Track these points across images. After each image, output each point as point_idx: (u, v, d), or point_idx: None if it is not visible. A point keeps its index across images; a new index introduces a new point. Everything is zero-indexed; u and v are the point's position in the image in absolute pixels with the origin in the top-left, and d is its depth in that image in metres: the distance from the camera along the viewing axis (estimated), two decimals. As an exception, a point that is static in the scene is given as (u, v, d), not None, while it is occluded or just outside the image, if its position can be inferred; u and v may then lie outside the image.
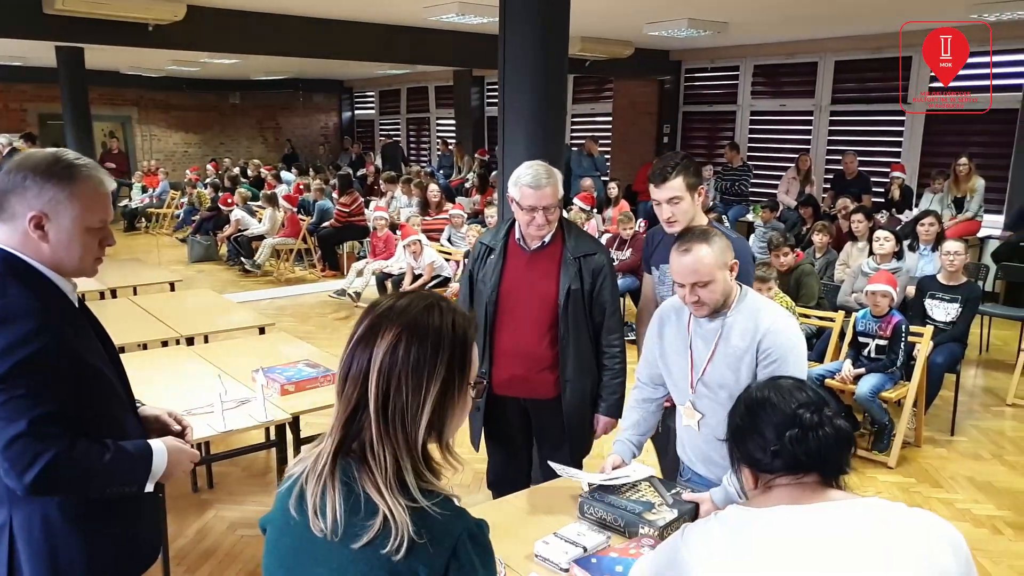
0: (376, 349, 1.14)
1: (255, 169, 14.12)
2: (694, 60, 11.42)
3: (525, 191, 2.60)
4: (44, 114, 14.57)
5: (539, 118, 3.93)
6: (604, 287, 2.71)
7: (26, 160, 1.60)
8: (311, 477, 1.17)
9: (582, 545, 2.03)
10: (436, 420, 1.16)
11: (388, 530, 1.10)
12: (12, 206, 1.58)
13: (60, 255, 1.61)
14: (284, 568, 1.23)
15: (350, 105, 18.68)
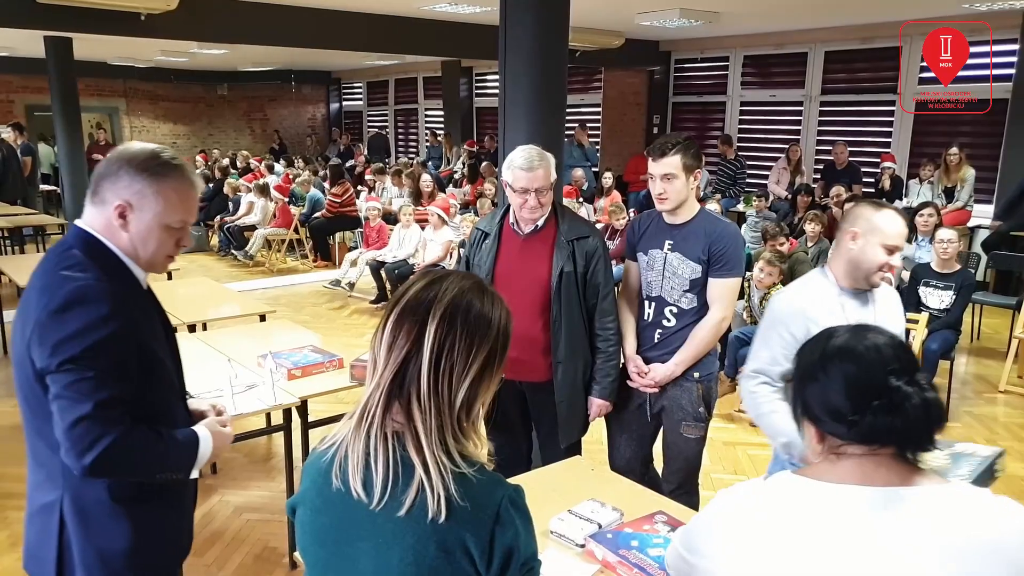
0: (438, 303, 1.16)
1: (244, 160, 14.04)
2: (684, 51, 11.45)
3: (518, 173, 2.63)
4: (31, 105, 14.44)
5: (540, 108, 3.92)
6: (598, 270, 2.73)
7: (125, 151, 1.68)
8: (355, 440, 1.17)
9: (597, 521, 2.06)
10: (472, 390, 1.18)
11: (426, 493, 1.11)
12: (104, 191, 1.65)
13: (136, 246, 1.68)
14: (324, 546, 1.21)
15: (338, 96, 18.59)
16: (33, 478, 1.71)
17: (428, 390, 1.14)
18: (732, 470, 4.26)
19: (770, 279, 4.97)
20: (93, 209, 1.67)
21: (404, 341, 1.16)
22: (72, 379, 1.52)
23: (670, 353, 2.73)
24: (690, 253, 2.66)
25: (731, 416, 5.02)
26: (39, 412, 1.60)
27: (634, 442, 2.91)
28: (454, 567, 1.12)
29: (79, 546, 1.64)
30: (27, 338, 1.56)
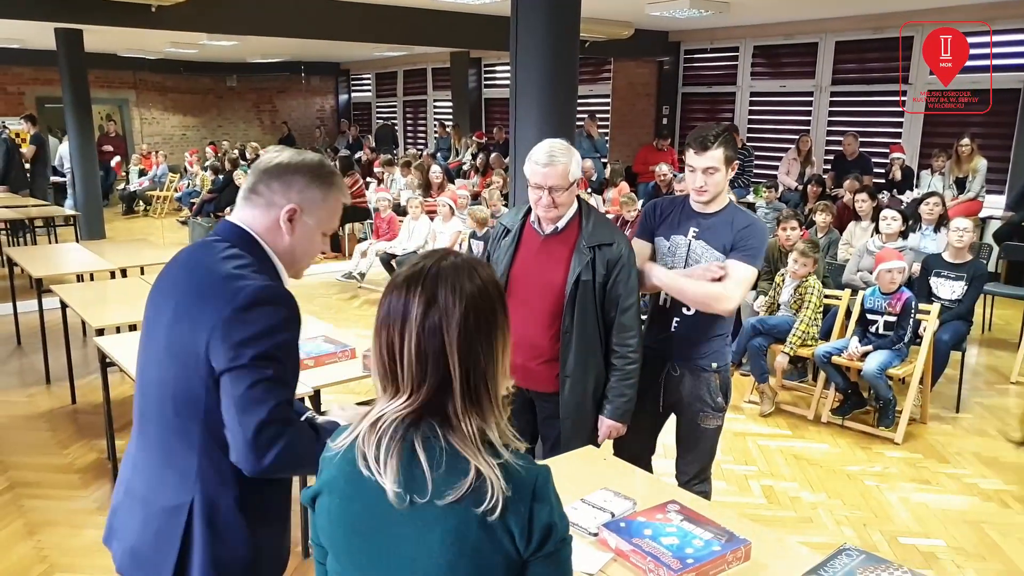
0: (447, 327, 1.16)
1: (254, 152, 14.06)
2: (694, 41, 11.39)
3: (534, 168, 2.48)
4: (42, 97, 14.48)
5: (550, 99, 3.93)
6: (619, 280, 2.52)
7: (293, 157, 1.69)
8: (384, 441, 1.17)
9: (610, 511, 2.07)
10: (499, 382, 1.20)
11: (482, 489, 1.13)
12: (274, 193, 1.66)
13: (296, 249, 1.70)
14: (358, 534, 1.21)
15: (347, 88, 18.59)
16: (159, 478, 1.65)
17: (464, 406, 1.17)
18: (743, 460, 4.27)
19: (804, 269, 4.92)
20: (254, 210, 1.68)
21: (433, 376, 1.16)
22: (256, 378, 1.51)
23: (690, 345, 2.71)
24: (715, 242, 2.62)
25: (739, 407, 5.02)
26: (190, 412, 1.58)
27: (642, 433, 2.90)
28: (494, 544, 1.14)
29: (201, 551, 1.60)
30: (203, 335, 1.53)
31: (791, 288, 5.01)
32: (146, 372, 1.69)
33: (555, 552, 1.17)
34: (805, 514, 3.70)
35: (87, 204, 10.41)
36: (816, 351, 4.74)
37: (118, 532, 1.72)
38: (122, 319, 4.11)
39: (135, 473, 1.70)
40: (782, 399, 5.07)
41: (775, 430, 4.70)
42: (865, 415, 4.78)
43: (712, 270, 2.58)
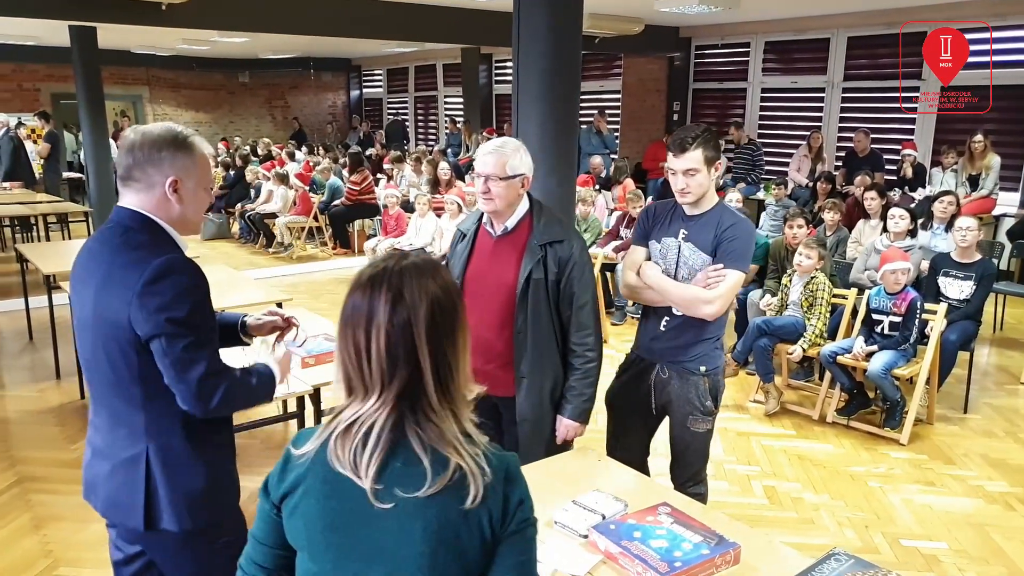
0: (416, 323, 1.20)
1: (265, 148, 14.12)
2: (704, 37, 11.33)
3: (478, 155, 2.49)
4: (56, 93, 14.58)
5: (553, 95, 3.91)
6: (572, 278, 2.49)
7: (148, 135, 1.85)
8: (361, 446, 1.20)
9: (600, 512, 2.07)
10: (466, 371, 1.28)
11: (464, 480, 1.19)
12: (149, 175, 1.84)
13: (188, 212, 1.90)
14: (336, 531, 1.23)
15: (358, 83, 18.63)
16: (110, 436, 1.90)
17: (439, 399, 1.22)
18: (746, 460, 4.26)
19: (810, 263, 4.87)
20: (139, 194, 1.85)
21: (403, 370, 1.21)
22: (185, 341, 1.76)
23: (677, 347, 2.71)
24: (702, 243, 2.63)
25: (743, 406, 5.01)
26: (125, 375, 1.82)
27: (634, 434, 2.90)
28: (473, 529, 1.20)
29: (165, 489, 1.85)
30: (118, 309, 1.76)
31: (800, 286, 4.98)
32: (84, 349, 1.91)
33: (523, 530, 1.25)
34: (807, 515, 3.69)
35: (100, 200, 10.49)
36: (822, 351, 4.71)
37: (93, 487, 1.96)
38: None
39: (95, 433, 1.96)
40: (787, 399, 5.05)
41: (779, 430, 4.68)
42: (871, 415, 4.76)
43: (709, 277, 2.58)
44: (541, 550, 1.93)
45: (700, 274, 2.63)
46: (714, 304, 2.58)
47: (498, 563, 1.22)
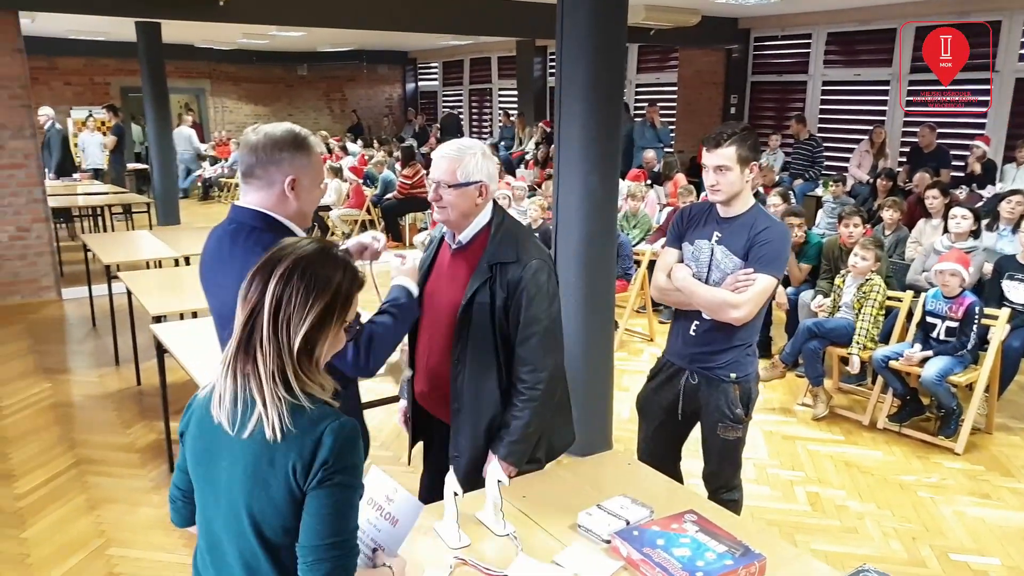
0: (280, 263, 1.39)
1: (323, 140, 14.35)
2: (764, 28, 11.07)
3: (432, 158, 2.29)
4: (125, 87, 15.03)
5: (597, 92, 3.88)
6: (520, 304, 2.19)
7: (271, 136, 1.98)
8: (222, 380, 1.40)
9: (624, 518, 2.05)
10: (310, 338, 1.38)
11: (263, 421, 1.34)
12: (270, 174, 1.97)
13: (304, 207, 2.04)
14: (199, 465, 1.46)
15: (414, 76, 18.76)
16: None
17: (268, 335, 1.35)
18: (790, 465, 4.17)
19: (866, 264, 4.71)
20: (259, 192, 2.00)
21: (253, 295, 1.38)
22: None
23: (707, 352, 2.67)
24: (734, 247, 2.59)
25: (791, 410, 4.90)
26: None
27: (664, 440, 2.87)
28: (279, 479, 1.35)
29: None
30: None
31: (853, 288, 4.83)
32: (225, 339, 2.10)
33: (326, 487, 1.33)
34: (850, 524, 3.59)
35: (163, 191, 10.81)
36: (874, 354, 4.58)
37: None
38: (178, 307, 4.28)
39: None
40: (837, 403, 4.92)
41: (827, 435, 4.56)
42: (925, 422, 4.60)
43: (738, 281, 2.53)
44: (563, 553, 1.94)
45: (729, 278, 2.58)
46: (741, 309, 2.52)
47: (304, 515, 1.36)
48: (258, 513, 1.37)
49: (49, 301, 7.32)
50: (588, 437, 4.18)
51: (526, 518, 2.11)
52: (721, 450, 2.74)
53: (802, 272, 5.52)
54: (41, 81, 14.15)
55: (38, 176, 7.26)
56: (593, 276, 4.04)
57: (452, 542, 1.99)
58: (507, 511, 2.09)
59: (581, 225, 3.98)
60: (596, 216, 3.98)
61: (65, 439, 4.40)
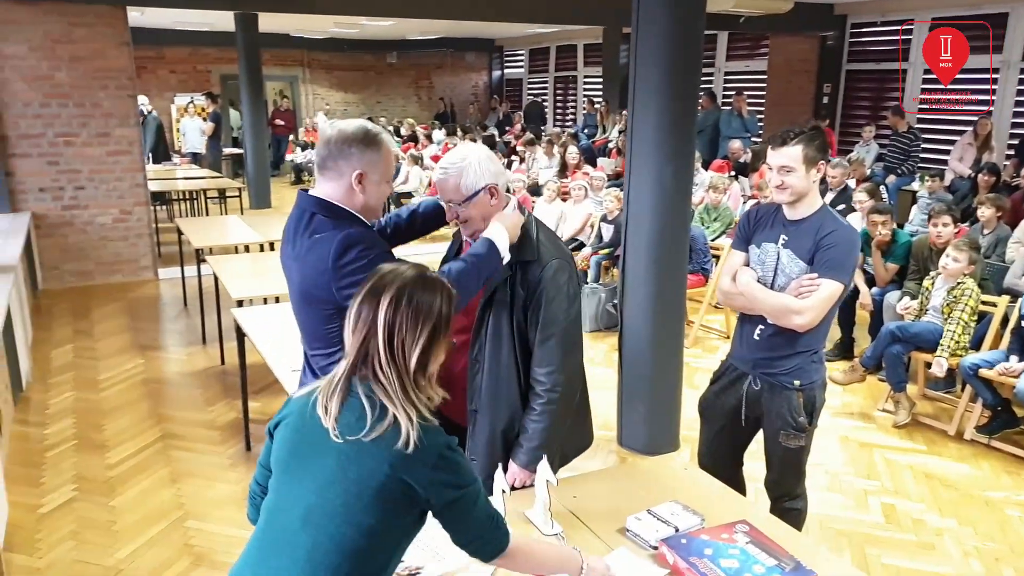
0: (385, 293, 1.49)
1: (409, 128, 14.57)
2: (862, 14, 10.59)
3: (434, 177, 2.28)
4: (225, 75, 15.64)
5: (672, 82, 3.80)
6: (540, 304, 2.18)
7: (343, 132, 2.08)
8: (326, 391, 1.49)
9: (674, 525, 2.02)
10: (423, 358, 1.50)
11: (397, 430, 1.43)
12: (340, 167, 2.07)
13: (371, 201, 2.12)
14: (294, 456, 1.52)
15: (500, 64, 18.81)
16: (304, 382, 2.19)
17: (386, 360, 1.47)
18: (865, 474, 4.01)
19: (958, 266, 4.46)
20: (329, 183, 2.10)
21: (363, 325, 1.48)
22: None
23: (771, 358, 2.59)
24: (800, 251, 2.51)
25: (870, 415, 4.71)
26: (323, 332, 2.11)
27: (724, 444, 2.81)
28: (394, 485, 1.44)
29: None
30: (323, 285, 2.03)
31: (943, 291, 4.59)
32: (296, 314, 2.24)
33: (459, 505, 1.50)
34: (927, 539, 3.44)
35: (256, 175, 11.23)
36: (963, 362, 4.34)
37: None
38: (260, 292, 4.44)
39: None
40: (921, 410, 4.70)
41: (908, 443, 4.37)
42: (1018, 436, 4.35)
43: (802, 286, 2.45)
44: (609, 557, 1.93)
45: (793, 283, 2.50)
46: (804, 315, 2.45)
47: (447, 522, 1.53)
48: (359, 515, 1.45)
49: (147, 280, 7.72)
50: (654, 436, 4.15)
51: (575, 519, 2.11)
52: (783, 458, 2.66)
53: (888, 272, 5.28)
54: (149, 70, 14.91)
55: (140, 162, 7.65)
56: (663, 271, 3.99)
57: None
58: (556, 511, 2.10)
59: (652, 219, 3.92)
60: (668, 210, 3.92)
61: (153, 413, 4.65)
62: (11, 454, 4.09)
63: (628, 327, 4.11)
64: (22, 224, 6.50)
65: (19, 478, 3.85)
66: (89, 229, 7.47)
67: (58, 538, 3.37)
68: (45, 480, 3.86)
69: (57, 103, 7.13)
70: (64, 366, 5.40)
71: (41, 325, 6.29)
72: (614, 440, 4.27)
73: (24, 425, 4.47)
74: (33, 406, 4.73)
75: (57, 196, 7.30)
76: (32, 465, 4.00)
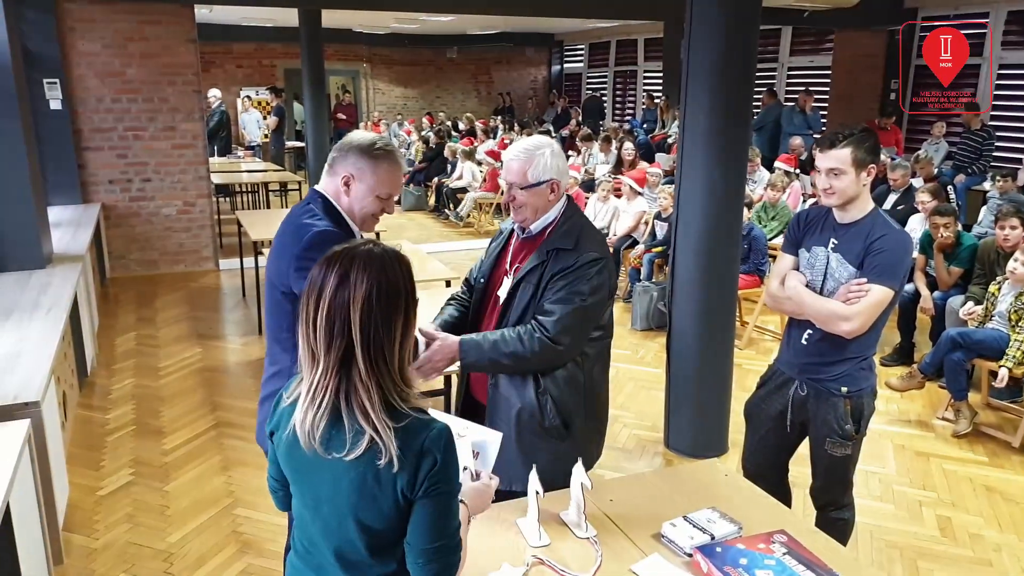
0: (353, 302, 1.38)
1: (468, 123, 14.64)
2: (933, 7, 10.20)
3: (503, 159, 2.35)
4: (289, 69, 15.94)
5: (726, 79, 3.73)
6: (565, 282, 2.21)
7: (352, 138, 2.19)
8: (307, 412, 1.41)
9: (710, 533, 1.99)
10: (401, 351, 1.42)
11: (377, 449, 1.37)
12: (336, 165, 2.18)
13: (353, 207, 2.18)
14: (297, 472, 1.50)
15: (559, 58, 18.73)
16: (266, 374, 2.27)
17: (368, 370, 1.38)
18: (920, 484, 3.88)
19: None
20: (327, 178, 2.20)
21: (339, 339, 1.38)
22: None
23: (818, 364, 2.54)
24: (849, 255, 2.44)
25: (928, 423, 4.55)
26: (281, 323, 2.16)
27: (769, 450, 2.75)
28: (387, 491, 1.40)
29: None
30: (283, 268, 2.12)
31: (1010, 297, 4.40)
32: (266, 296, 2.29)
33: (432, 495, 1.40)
34: (984, 555, 3.31)
35: (316, 169, 11.43)
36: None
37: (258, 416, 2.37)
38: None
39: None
40: (983, 419, 4.52)
41: (968, 454, 4.21)
42: (1088, 449, 4.16)
43: (850, 292, 2.38)
44: (642, 563, 1.91)
45: (842, 288, 2.44)
46: (852, 321, 2.39)
47: (412, 519, 1.42)
48: (368, 521, 1.43)
49: (208, 271, 7.95)
50: (701, 439, 4.10)
51: (610, 523, 2.09)
52: (829, 466, 2.60)
53: (951, 276, 5.09)
54: (217, 64, 15.34)
55: (203, 155, 7.88)
56: (713, 272, 3.93)
57: (532, 540, 2.01)
58: (592, 514, 2.09)
59: (702, 219, 3.87)
60: (719, 210, 3.86)
61: (208, 401, 4.79)
62: (74, 437, 4.26)
63: (676, 328, 4.06)
64: (92, 215, 6.76)
65: (81, 460, 4.01)
66: (154, 220, 7.74)
67: (114, 520, 3.50)
68: (105, 463, 4.01)
69: (127, 98, 7.40)
70: (127, 352, 5.60)
71: (108, 312, 6.53)
72: (661, 442, 4.23)
73: (88, 409, 4.66)
74: (97, 391, 4.93)
75: (125, 188, 7.57)
76: (94, 448, 4.17)
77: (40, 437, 3.00)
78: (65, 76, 7.05)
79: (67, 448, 3.94)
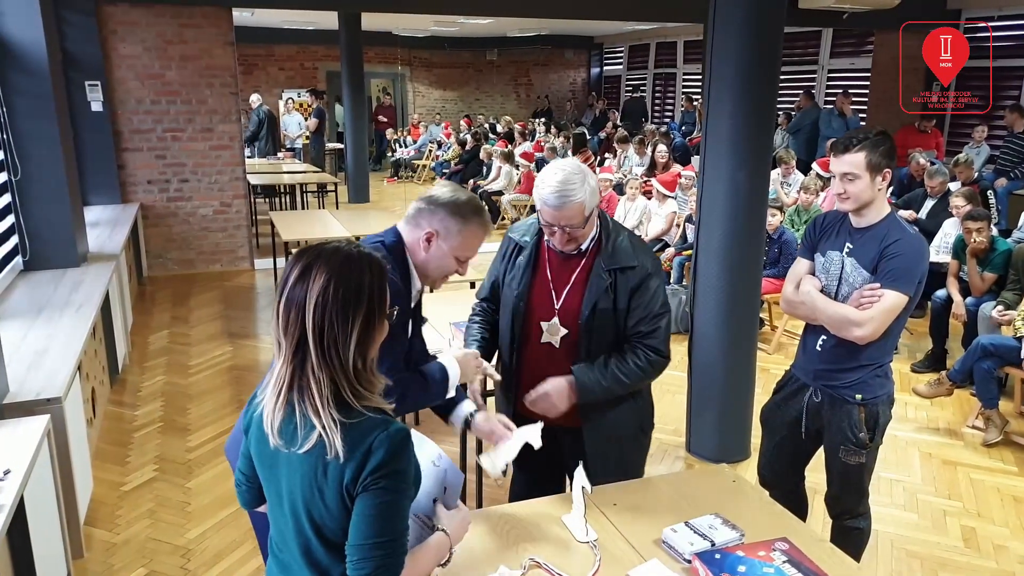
0: (310, 295, 1.39)
1: (506, 125, 14.67)
2: (977, 7, 9.93)
3: (543, 208, 2.19)
4: (331, 71, 16.14)
5: (749, 81, 3.68)
6: (643, 303, 2.26)
7: (443, 194, 2.11)
8: (269, 403, 1.45)
9: (711, 539, 1.97)
10: (359, 351, 1.42)
11: (323, 443, 1.39)
12: (421, 218, 2.10)
13: (429, 264, 2.12)
14: (266, 468, 1.53)
15: (599, 61, 18.66)
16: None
17: (319, 363, 1.39)
18: (946, 493, 3.79)
19: None
20: (408, 227, 2.12)
21: (294, 329, 1.40)
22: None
23: (833, 370, 2.50)
24: (864, 260, 2.40)
25: (957, 432, 4.43)
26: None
27: (785, 457, 2.72)
28: (334, 485, 1.40)
29: None
30: None
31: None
32: None
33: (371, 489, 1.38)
34: (1009, 568, 3.21)
35: (355, 170, 11.56)
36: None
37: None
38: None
39: None
40: (1014, 428, 4.39)
41: (997, 463, 4.09)
42: None
43: (863, 297, 2.34)
44: (639, 568, 1.90)
45: (855, 293, 2.40)
46: (865, 327, 2.35)
47: (352, 515, 1.41)
48: (317, 517, 1.44)
49: (243, 270, 8.10)
50: (723, 443, 4.06)
51: (611, 527, 2.09)
52: (843, 474, 2.56)
53: (985, 282, 4.95)
54: (260, 67, 15.61)
55: (240, 157, 8.02)
56: (735, 276, 3.89)
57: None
58: (593, 518, 2.08)
59: (724, 223, 3.83)
60: (741, 214, 3.81)
61: (235, 400, 4.87)
62: (103, 433, 4.37)
63: (699, 332, 4.03)
64: (129, 215, 6.92)
65: (108, 456, 4.11)
66: (191, 220, 7.90)
67: (136, 515, 3.58)
68: (131, 459, 4.10)
69: (166, 100, 7.56)
70: (159, 350, 5.73)
71: (143, 310, 6.69)
72: (683, 446, 4.19)
73: (118, 406, 4.77)
74: (128, 388, 5.05)
75: (163, 188, 7.75)
76: (121, 444, 4.27)
77: (61, 433, 3.04)
78: (106, 78, 7.24)
79: (95, 444, 4.03)
